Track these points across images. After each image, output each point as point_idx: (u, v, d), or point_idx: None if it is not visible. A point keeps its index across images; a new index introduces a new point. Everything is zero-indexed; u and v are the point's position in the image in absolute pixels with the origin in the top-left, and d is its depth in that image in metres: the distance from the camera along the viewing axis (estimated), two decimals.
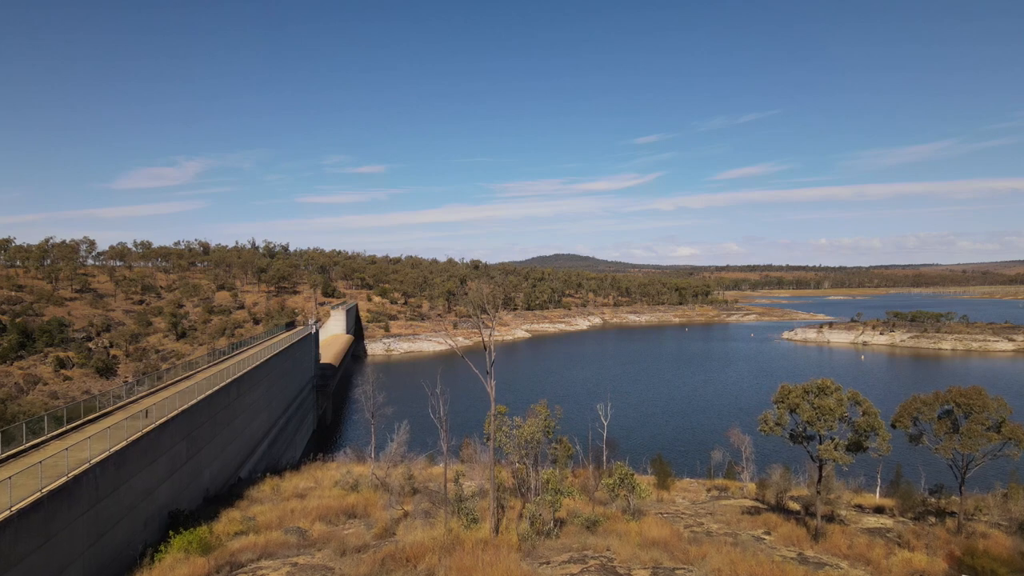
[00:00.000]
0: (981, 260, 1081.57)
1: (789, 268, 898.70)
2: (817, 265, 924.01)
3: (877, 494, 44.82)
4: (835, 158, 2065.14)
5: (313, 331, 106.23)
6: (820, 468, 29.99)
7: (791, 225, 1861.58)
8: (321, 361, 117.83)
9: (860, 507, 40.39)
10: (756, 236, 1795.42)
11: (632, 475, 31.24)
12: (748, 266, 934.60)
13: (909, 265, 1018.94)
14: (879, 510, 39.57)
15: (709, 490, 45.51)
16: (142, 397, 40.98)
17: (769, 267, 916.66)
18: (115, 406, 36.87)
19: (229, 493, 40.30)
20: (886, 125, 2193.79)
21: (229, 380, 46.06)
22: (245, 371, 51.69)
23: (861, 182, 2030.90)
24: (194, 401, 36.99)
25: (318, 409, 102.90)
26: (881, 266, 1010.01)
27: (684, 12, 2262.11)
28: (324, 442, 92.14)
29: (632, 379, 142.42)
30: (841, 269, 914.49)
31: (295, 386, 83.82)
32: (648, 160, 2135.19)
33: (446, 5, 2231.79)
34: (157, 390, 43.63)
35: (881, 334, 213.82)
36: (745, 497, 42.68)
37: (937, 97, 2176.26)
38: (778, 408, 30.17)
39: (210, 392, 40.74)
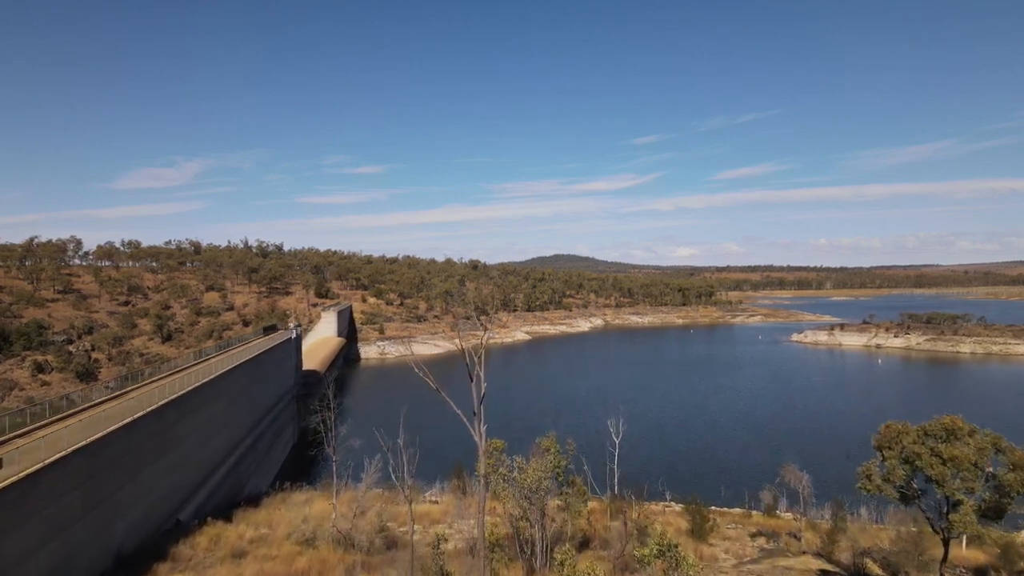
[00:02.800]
0: (981, 260, 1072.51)
1: (790, 268, 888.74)
2: (817, 265, 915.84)
3: (963, 543, 36.30)
4: (835, 158, 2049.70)
5: (294, 335, 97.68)
6: (947, 542, 21.56)
7: (791, 225, 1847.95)
8: (305, 367, 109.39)
9: (953, 565, 31.89)
10: (755, 236, 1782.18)
11: (676, 546, 22.87)
12: (749, 266, 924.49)
13: (910, 265, 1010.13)
14: (982, 573, 31.05)
15: (754, 536, 36.99)
16: (47, 423, 32.45)
17: (770, 267, 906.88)
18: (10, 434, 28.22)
19: (153, 549, 31.71)
20: (886, 125, 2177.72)
21: (164, 401, 37.44)
22: (192, 387, 43.07)
23: (860, 182, 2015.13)
24: (98, 436, 28.38)
25: (300, 421, 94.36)
26: (882, 266, 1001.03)
27: (684, 12, 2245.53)
28: (305, 457, 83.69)
29: (639, 386, 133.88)
30: (842, 269, 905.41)
31: (269, 397, 75.30)
32: (647, 160, 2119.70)
33: (446, 5, 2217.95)
34: (71, 413, 35.08)
35: (896, 336, 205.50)
36: (805, 552, 34.15)
37: (937, 97, 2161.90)
38: (885, 457, 21.67)
39: (129, 420, 32.17)
